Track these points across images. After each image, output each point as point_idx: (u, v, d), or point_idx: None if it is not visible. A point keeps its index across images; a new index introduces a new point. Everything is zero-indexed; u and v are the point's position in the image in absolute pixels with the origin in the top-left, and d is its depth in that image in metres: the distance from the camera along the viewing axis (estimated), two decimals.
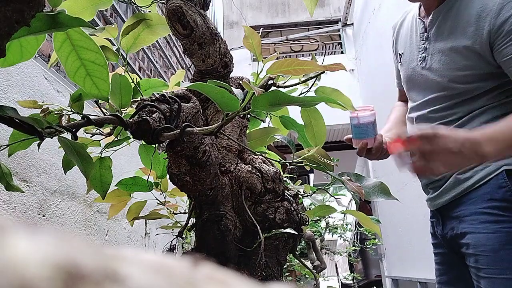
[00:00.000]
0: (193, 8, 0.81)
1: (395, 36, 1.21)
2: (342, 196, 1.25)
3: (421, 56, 1.05)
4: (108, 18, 2.26)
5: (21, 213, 1.29)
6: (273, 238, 0.84)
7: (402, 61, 1.14)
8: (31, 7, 0.49)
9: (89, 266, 0.12)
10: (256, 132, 1.06)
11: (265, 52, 6.03)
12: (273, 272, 0.84)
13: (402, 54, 1.14)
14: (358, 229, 5.12)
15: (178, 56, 3.81)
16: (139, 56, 2.78)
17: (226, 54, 0.89)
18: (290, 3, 6.74)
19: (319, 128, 0.98)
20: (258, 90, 0.60)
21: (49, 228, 1.16)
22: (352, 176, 0.76)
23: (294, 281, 4.34)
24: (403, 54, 1.14)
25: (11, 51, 0.64)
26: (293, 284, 1.58)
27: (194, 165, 0.76)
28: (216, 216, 0.81)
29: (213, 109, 0.91)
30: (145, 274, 0.13)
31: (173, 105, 0.72)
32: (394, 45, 1.22)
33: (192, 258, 0.15)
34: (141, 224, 2.32)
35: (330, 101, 0.69)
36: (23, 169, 1.32)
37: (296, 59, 0.68)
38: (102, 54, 0.68)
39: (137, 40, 0.93)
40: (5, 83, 1.30)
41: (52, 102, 1.04)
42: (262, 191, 0.85)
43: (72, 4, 0.83)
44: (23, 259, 0.11)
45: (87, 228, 1.69)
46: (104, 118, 0.67)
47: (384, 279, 4.90)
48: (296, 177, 1.32)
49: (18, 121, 0.54)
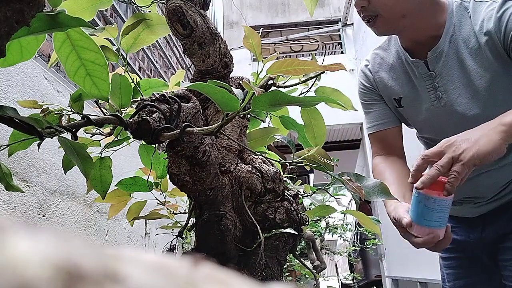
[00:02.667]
0: (193, 8, 0.81)
1: (374, 82, 1.12)
2: (342, 196, 1.25)
3: (433, 96, 1.01)
4: (108, 18, 2.26)
5: (21, 213, 1.29)
6: (273, 238, 0.84)
7: (403, 105, 1.08)
8: (31, 7, 0.49)
9: (89, 266, 0.12)
10: (256, 132, 1.06)
11: (265, 52, 6.02)
12: (273, 272, 0.84)
13: (401, 98, 1.08)
14: (358, 229, 5.12)
15: (178, 56, 3.81)
16: (139, 56, 2.78)
17: (226, 54, 0.89)
18: (290, 3, 6.74)
19: (319, 128, 0.98)
20: (258, 90, 0.60)
21: (49, 228, 1.16)
22: (352, 176, 0.75)
23: (294, 281, 4.34)
24: (403, 98, 1.07)
25: (11, 51, 0.64)
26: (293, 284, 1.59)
27: (194, 165, 0.76)
28: (216, 216, 0.81)
29: (213, 109, 0.91)
30: (145, 274, 0.13)
31: (173, 105, 0.72)
32: (376, 89, 1.12)
33: (192, 258, 0.15)
34: (141, 224, 2.32)
35: (330, 101, 0.69)
36: (23, 169, 1.32)
37: (296, 59, 0.68)
38: (102, 54, 0.68)
39: (137, 40, 0.93)
40: (5, 83, 1.30)
41: (52, 102, 1.04)
42: (262, 191, 0.85)
43: (72, 4, 0.83)
44: (23, 259, 0.11)
45: (87, 228, 1.69)
46: (104, 118, 0.67)
47: (384, 279, 4.90)
48: (296, 177, 1.32)
49: (18, 121, 0.54)
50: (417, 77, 1.03)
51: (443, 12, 0.98)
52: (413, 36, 1.00)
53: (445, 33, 0.97)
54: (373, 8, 0.95)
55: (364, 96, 1.15)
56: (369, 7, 0.95)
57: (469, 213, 1.08)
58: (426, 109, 1.03)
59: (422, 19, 0.97)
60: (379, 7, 0.94)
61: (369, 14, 0.97)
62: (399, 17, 0.95)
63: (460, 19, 0.96)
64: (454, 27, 0.97)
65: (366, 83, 1.14)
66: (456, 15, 0.97)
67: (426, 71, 1.01)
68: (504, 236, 1.00)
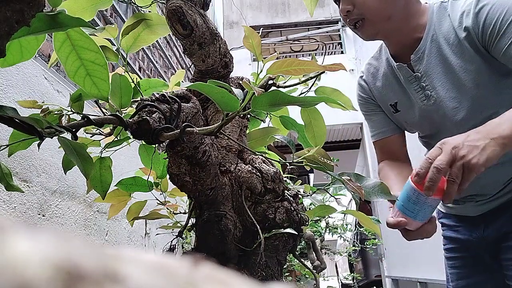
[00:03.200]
0: (193, 8, 0.81)
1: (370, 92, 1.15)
2: (342, 196, 1.25)
3: (423, 95, 1.02)
4: (108, 18, 2.26)
5: (21, 213, 1.29)
6: (273, 238, 0.84)
7: (400, 109, 1.10)
8: (31, 7, 0.49)
9: (89, 266, 0.12)
10: (256, 132, 1.06)
11: (265, 52, 6.03)
12: (273, 272, 0.84)
13: (397, 103, 1.09)
14: (358, 229, 5.12)
15: (178, 56, 3.81)
16: (139, 56, 2.78)
17: (226, 54, 0.89)
18: (290, 3, 6.75)
19: (319, 128, 0.98)
20: (258, 90, 0.60)
21: (49, 228, 1.16)
22: (352, 176, 0.75)
23: (294, 281, 4.34)
24: (398, 103, 1.09)
25: (11, 51, 0.64)
26: (293, 284, 1.58)
27: (194, 165, 0.76)
28: (216, 216, 0.81)
29: (213, 109, 0.91)
30: (145, 274, 0.13)
31: (173, 105, 0.72)
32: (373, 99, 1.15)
33: (192, 258, 0.15)
34: (141, 224, 2.32)
35: (330, 101, 0.69)
36: (23, 169, 1.32)
37: (296, 59, 0.67)
38: (102, 54, 0.68)
39: (137, 40, 0.93)
40: (5, 83, 1.30)
41: (52, 102, 1.04)
42: (262, 191, 0.85)
43: (72, 4, 0.83)
44: (23, 259, 0.11)
45: (87, 228, 1.69)
46: (104, 118, 0.67)
47: (384, 279, 4.90)
48: (296, 177, 1.32)
49: (18, 121, 0.54)
50: (404, 81, 1.05)
51: (425, 14, 1.00)
52: (398, 40, 1.02)
53: (426, 33, 0.99)
54: (359, 12, 0.96)
55: (362, 107, 1.19)
56: (355, 11, 0.96)
57: (471, 211, 1.09)
58: (419, 110, 1.05)
59: (406, 21, 0.99)
60: (365, 10, 0.96)
61: (354, 18, 0.98)
62: (385, 19, 0.96)
63: (440, 18, 0.98)
64: (435, 26, 0.98)
65: (363, 94, 1.17)
66: (436, 15, 0.99)
67: (411, 73, 1.02)
68: (506, 235, 1.00)
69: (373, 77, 1.14)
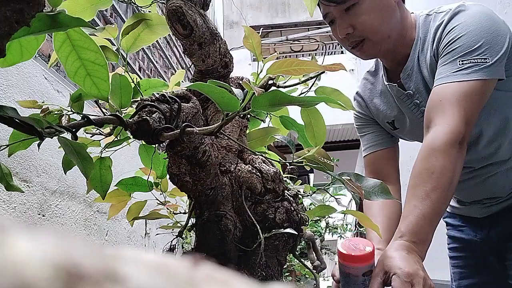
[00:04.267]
0: (193, 8, 0.81)
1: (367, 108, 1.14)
2: (342, 196, 1.25)
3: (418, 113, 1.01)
4: (108, 18, 2.26)
5: (21, 213, 1.29)
6: (273, 238, 0.84)
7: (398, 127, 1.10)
8: (31, 7, 0.49)
9: (89, 266, 0.12)
10: (256, 132, 1.06)
11: (265, 52, 6.03)
12: (273, 272, 0.84)
13: (394, 120, 1.09)
14: (358, 229, 5.12)
15: (178, 56, 3.81)
16: (139, 56, 2.78)
17: (226, 54, 0.89)
18: (290, 3, 6.75)
19: (319, 128, 0.98)
20: (258, 90, 0.60)
21: (49, 228, 1.16)
22: (352, 176, 0.75)
23: (294, 281, 4.34)
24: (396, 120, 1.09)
25: (11, 51, 0.63)
26: (293, 284, 1.59)
27: (194, 165, 0.76)
28: (216, 216, 0.81)
29: (213, 109, 0.91)
30: (145, 274, 0.13)
31: (173, 105, 0.72)
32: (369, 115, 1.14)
33: (192, 258, 0.15)
34: (141, 224, 2.32)
35: (330, 101, 0.69)
36: (23, 169, 1.32)
37: (296, 59, 0.67)
38: (102, 54, 0.68)
39: (137, 40, 0.93)
40: (5, 83, 1.30)
41: (52, 102, 1.04)
42: (262, 191, 0.85)
43: (72, 4, 0.83)
44: (23, 259, 0.11)
45: (87, 228, 1.69)
46: (104, 118, 0.67)
47: None
48: (296, 177, 1.32)
49: (18, 121, 0.54)
50: (397, 100, 1.04)
51: (413, 27, 0.99)
52: (393, 57, 1.01)
53: (413, 50, 0.98)
54: (359, 34, 0.94)
55: (357, 121, 1.18)
56: (355, 33, 0.94)
57: (477, 213, 1.09)
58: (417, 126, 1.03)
59: (401, 37, 0.98)
60: (366, 31, 0.93)
61: (355, 40, 0.96)
62: (385, 38, 0.95)
63: (425, 33, 0.97)
64: (420, 41, 0.97)
65: (359, 109, 1.16)
66: (421, 29, 0.97)
67: (402, 92, 1.01)
68: (511, 235, 1.00)
69: (370, 93, 1.13)
